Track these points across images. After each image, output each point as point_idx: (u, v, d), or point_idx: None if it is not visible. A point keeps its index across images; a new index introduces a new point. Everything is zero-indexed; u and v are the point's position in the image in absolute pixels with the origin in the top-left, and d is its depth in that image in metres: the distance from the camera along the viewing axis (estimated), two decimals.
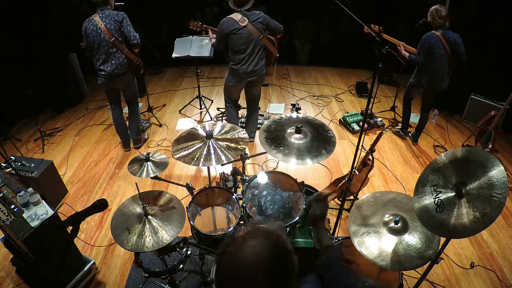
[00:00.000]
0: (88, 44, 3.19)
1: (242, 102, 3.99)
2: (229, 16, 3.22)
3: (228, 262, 0.89)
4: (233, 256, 0.89)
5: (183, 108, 4.83)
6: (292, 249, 0.94)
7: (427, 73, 3.54)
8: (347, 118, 4.40)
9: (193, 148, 2.13)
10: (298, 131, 2.14)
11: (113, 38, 3.13)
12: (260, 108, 4.26)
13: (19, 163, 2.93)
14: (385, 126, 4.42)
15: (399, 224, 1.67)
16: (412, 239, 1.62)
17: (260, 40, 3.28)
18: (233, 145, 2.18)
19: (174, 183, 2.43)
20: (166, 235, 1.79)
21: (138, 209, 1.93)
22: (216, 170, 3.52)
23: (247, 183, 2.22)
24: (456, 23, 3.92)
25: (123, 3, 3.42)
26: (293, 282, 0.92)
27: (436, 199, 1.44)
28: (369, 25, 3.67)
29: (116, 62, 3.25)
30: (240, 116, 4.12)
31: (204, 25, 3.76)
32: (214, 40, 3.50)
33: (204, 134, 2.22)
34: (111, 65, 3.24)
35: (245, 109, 4.06)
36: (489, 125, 3.52)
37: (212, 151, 2.11)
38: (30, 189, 2.11)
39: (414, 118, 4.26)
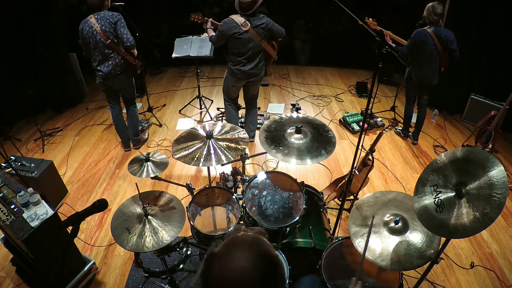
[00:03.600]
0: (85, 45, 3.18)
1: (242, 102, 3.99)
2: (232, 17, 3.19)
3: (215, 278, 0.86)
4: (219, 272, 0.85)
5: (183, 108, 4.83)
6: (276, 255, 0.91)
7: (416, 68, 3.58)
8: (347, 118, 4.40)
9: (193, 148, 2.13)
10: (298, 131, 2.14)
11: (109, 40, 3.12)
12: (260, 108, 4.26)
13: (19, 163, 2.93)
14: (385, 126, 4.44)
15: (399, 224, 1.67)
16: (412, 239, 1.62)
17: (260, 44, 3.28)
18: (233, 145, 2.18)
19: (174, 183, 2.43)
20: (166, 235, 1.79)
21: (138, 209, 1.92)
22: (216, 170, 3.52)
23: (247, 183, 2.22)
24: (456, 23, 3.92)
25: (123, 3, 3.41)
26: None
27: (436, 199, 1.43)
28: (366, 22, 3.68)
29: (113, 63, 3.24)
30: (240, 116, 4.12)
31: (205, 18, 3.70)
32: (211, 32, 3.46)
33: (204, 134, 2.22)
34: (107, 65, 3.23)
35: (245, 109, 4.06)
36: (489, 125, 3.52)
37: (212, 151, 2.11)
38: (30, 189, 2.11)
39: (415, 119, 4.27)
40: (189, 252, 2.13)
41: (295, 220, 1.99)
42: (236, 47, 3.25)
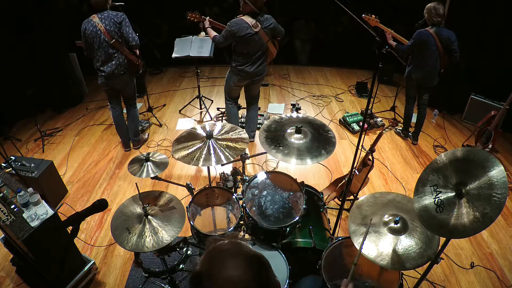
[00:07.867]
0: (88, 44, 3.18)
1: (242, 102, 3.99)
2: (241, 17, 3.14)
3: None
4: (210, 277, 0.83)
5: (183, 108, 4.82)
6: (258, 253, 0.89)
7: (417, 68, 3.58)
8: (347, 118, 4.40)
9: (193, 148, 2.13)
10: (298, 131, 2.14)
11: (113, 40, 3.12)
12: (260, 108, 4.26)
13: (19, 163, 2.93)
14: (385, 126, 4.43)
15: (399, 224, 1.66)
16: (412, 239, 1.62)
17: (266, 43, 3.29)
18: (233, 145, 2.18)
19: (174, 183, 2.43)
20: (166, 235, 1.79)
21: (138, 209, 1.93)
22: (216, 170, 3.52)
23: (247, 183, 2.22)
24: (456, 23, 3.92)
25: (123, 3, 3.41)
26: None
27: (436, 199, 1.43)
28: (366, 21, 3.68)
29: (116, 63, 3.24)
30: (240, 116, 4.12)
31: (203, 16, 3.62)
32: (212, 32, 3.43)
33: (204, 134, 2.22)
34: (111, 65, 3.23)
35: (245, 109, 4.06)
36: (489, 125, 3.52)
37: (212, 151, 2.11)
38: (30, 189, 2.11)
39: (415, 119, 4.27)
40: (189, 252, 2.13)
41: (295, 220, 1.99)
42: (246, 48, 3.23)
